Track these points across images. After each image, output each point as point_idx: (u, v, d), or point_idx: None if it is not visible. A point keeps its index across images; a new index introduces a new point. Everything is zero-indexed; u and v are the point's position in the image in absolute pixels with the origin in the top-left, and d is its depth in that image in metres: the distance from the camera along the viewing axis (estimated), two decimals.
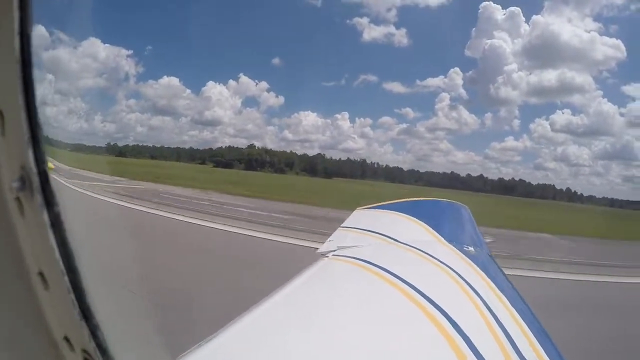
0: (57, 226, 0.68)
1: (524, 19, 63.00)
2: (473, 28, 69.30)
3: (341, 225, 2.59)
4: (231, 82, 72.22)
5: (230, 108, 70.12)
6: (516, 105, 69.67)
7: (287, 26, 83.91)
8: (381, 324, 1.23)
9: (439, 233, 2.29)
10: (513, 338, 1.18)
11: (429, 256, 1.87)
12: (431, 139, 78.56)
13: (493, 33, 63.30)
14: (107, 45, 59.78)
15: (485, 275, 1.70)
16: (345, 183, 56.73)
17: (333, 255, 1.89)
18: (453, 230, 2.58)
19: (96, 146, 57.35)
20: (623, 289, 9.01)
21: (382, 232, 2.31)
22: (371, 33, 72.84)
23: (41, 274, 0.72)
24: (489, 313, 1.30)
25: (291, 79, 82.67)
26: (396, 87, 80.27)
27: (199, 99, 70.21)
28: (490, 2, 62.92)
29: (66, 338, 0.75)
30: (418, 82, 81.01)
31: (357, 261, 1.79)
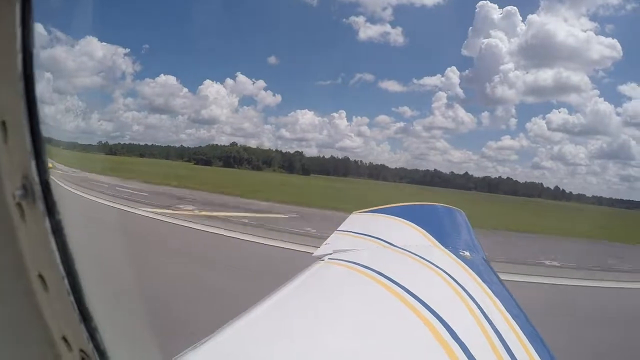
0: (58, 232, 0.70)
1: (521, 18, 64.32)
2: (470, 27, 70.44)
3: (337, 229, 2.62)
4: (228, 81, 73.02)
5: (227, 106, 70.76)
6: (513, 104, 71.23)
7: (284, 25, 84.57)
8: (376, 328, 1.24)
9: (435, 237, 2.29)
10: (507, 343, 1.18)
11: (425, 261, 1.87)
12: (428, 138, 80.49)
13: (489, 32, 64.73)
14: (104, 43, 60.72)
15: (480, 280, 1.70)
16: (316, 180, 56.33)
17: (329, 258, 1.89)
18: (449, 234, 2.59)
19: (90, 144, 57.95)
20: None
21: (378, 236, 2.31)
22: (367, 32, 75.21)
23: (41, 277, 0.73)
24: (484, 318, 1.31)
25: (288, 78, 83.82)
26: (393, 86, 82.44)
27: (196, 98, 71.05)
28: (486, 1, 64.37)
29: (64, 338, 0.76)
30: (415, 81, 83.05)
31: (353, 265, 1.80)
